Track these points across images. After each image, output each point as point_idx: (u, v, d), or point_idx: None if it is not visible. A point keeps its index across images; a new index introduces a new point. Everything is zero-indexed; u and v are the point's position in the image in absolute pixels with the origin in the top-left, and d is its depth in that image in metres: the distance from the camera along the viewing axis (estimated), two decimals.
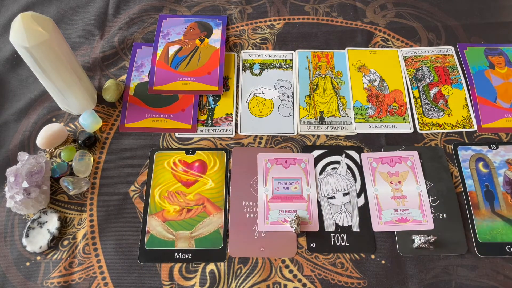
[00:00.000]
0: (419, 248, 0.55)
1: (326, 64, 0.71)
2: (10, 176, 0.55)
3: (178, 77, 0.68)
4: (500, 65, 0.71)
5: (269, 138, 0.64)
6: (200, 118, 0.66)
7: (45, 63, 0.54)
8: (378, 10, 0.78)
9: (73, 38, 0.74)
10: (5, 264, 0.55)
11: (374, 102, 0.67)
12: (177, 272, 0.54)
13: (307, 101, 0.67)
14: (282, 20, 0.76)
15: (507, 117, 0.66)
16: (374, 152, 0.63)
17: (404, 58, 0.72)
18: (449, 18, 0.77)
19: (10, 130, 0.65)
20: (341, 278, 0.54)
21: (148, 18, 0.76)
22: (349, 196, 0.59)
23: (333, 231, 0.56)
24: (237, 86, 0.69)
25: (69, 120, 0.65)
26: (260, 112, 0.67)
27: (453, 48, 0.73)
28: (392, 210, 0.58)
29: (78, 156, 0.60)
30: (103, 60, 0.71)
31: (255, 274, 0.54)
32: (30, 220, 0.56)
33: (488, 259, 0.55)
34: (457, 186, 0.60)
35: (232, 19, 0.76)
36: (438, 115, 0.66)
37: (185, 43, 0.72)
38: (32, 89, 0.68)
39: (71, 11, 0.78)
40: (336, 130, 0.65)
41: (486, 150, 0.63)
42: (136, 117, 0.65)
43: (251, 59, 0.72)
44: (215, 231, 0.56)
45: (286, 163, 0.61)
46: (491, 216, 0.57)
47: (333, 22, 0.76)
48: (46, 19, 0.52)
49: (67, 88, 0.59)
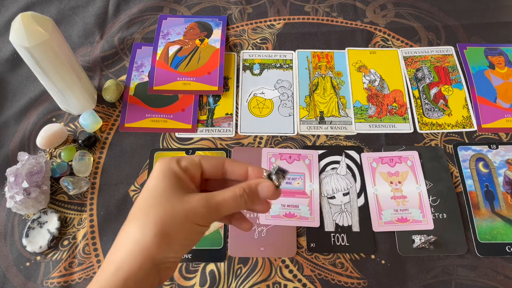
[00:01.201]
0: (419, 248, 0.55)
1: (326, 64, 0.71)
2: (10, 176, 0.55)
3: (178, 77, 0.68)
4: (500, 65, 0.71)
5: (269, 138, 0.64)
6: (200, 118, 0.66)
7: (45, 63, 0.54)
8: (378, 10, 0.78)
9: (73, 38, 0.74)
10: (5, 264, 0.55)
11: (374, 102, 0.67)
12: (177, 272, 0.54)
13: (307, 101, 0.67)
14: (282, 20, 0.76)
15: (507, 117, 0.66)
16: (374, 152, 0.63)
17: (404, 58, 0.72)
18: (449, 18, 0.77)
19: (10, 130, 0.65)
20: (341, 278, 0.54)
21: (148, 18, 0.76)
22: (349, 196, 0.59)
23: (333, 231, 0.56)
24: (237, 86, 0.69)
25: (69, 120, 0.65)
26: (260, 112, 0.67)
27: (453, 48, 0.73)
28: (392, 210, 0.58)
29: (78, 156, 0.60)
30: (103, 60, 0.71)
31: (255, 274, 0.54)
32: (30, 220, 0.56)
33: (488, 259, 0.55)
34: (457, 186, 0.60)
35: (232, 19, 0.76)
36: (438, 115, 0.66)
37: (185, 43, 0.72)
38: (32, 89, 0.68)
39: (71, 11, 0.77)
40: (336, 130, 0.65)
41: (486, 150, 0.63)
42: (136, 117, 0.65)
43: (251, 59, 0.72)
44: (215, 231, 0.56)
45: (290, 158, 0.61)
46: (491, 216, 0.57)
47: (333, 22, 0.76)
48: (46, 19, 0.52)
49: (67, 88, 0.59)
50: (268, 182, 0.37)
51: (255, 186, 0.37)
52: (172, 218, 0.33)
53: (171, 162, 0.36)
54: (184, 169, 0.36)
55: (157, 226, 0.32)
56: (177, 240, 0.33)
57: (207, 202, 0.34)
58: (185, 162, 0.36)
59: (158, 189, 0.34)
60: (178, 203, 0.34)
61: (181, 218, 0.33)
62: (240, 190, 0.36)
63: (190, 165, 0.36)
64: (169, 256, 0.34)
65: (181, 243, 0.34)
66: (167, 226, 0.33)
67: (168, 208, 0.33)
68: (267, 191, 0.37)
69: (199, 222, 0.34)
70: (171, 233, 0.33)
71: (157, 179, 0.35)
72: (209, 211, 0.34)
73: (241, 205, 0.36)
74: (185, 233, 0.34)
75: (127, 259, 0.32)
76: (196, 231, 0.35)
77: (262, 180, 0.37)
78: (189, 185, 0.36)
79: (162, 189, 0.34)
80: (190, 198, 0.34)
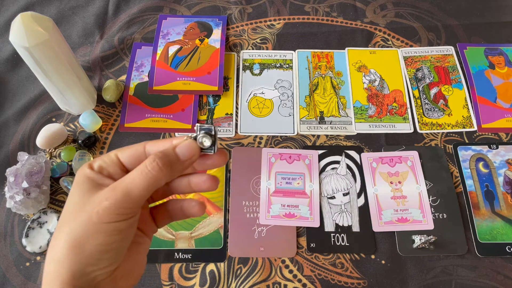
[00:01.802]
0: (419, 248, 0.55)
1: (326, 64, 0.71)
2: (10, 176, 0.55)
3: (178, 77, 0.68)
4: (500, 65, 0.71)
5: (269, 138, 0.64)
6: (200, 118, 0.66)
7: (45, 63, 0.54)
8: (378, 10, 0.78)
9: (73, 38, 0.74)
10: (5, 264, 0.55)
11: (374, 102, 0.67)
12: (177, 272, 0.54)
13: (307, 101, 0.67)
14: (282, 20, 0.76)
15: (507, 117, 0.66)
16: (374, 152, 0.63)
17: (404, 58, 0.72)
18: (449, 18, 0.77)
19: (10, 130, 0.64)
20: (341, 278, 0.54)
21: (148, 18, 0.76)
22: (349, 196, 0.59)
23: (333, 231, 0.56)
24: (237, 86, 0.69)
25: (69, 120, 0.65)
26: (260, 112, 0.67)
27: (453, 48, 0.73)
28: (392, 210, 0.58)
29: (78, 156, 0.60)
30: (103, 60, 0.71)
31: (255, 274, 0.54)
32: (30, 220, 0.56)
33: (488, 259, 0.55)
34: (457, 186, 0.60)
35: (232, 19, 0.76)
36: (438, 115, 0.66)
37: (185, 43, 0.72)
38: (32, 89, 0.68)
39: (71, 11, 0.77)
40: (336, 130, 0.65)
41: (486, 150, 0.62)
42: (136, 117, 0.65)
43: (251, 59, 0.72)
44: (215, 231, 0.56)
45: (290, 158, 0.61)
46: (491, 216, 0.57)
47: (333, 22, 0.76)
48: (46, 19, 0.52)
49: (67, 88, 0.59)
50: (188, 140, 0.31)
51: (172, 148, 0.31)
52: (76, 226, 0.29)
53: (83, 168, 0.32)
54: (98, 169, 0.31)
55: (66, 241, 0.29)
56: (89, 248, 0.29)
57: (113, 190, 0.29)
58: (98, 162, 0.32)
59: (71, 203, 0.31)
60: (84, 207, 0.29)
61: (84, 223, 0.29)
62: (150, 159, 0.30)
63: (104, 163, 0.32)
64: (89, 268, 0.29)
65: (96, 249, 0.29)
66: (73, 237, 0.29)
67: (74, 218, 0.29)
68: (188, 150, 0.31)
69: (106, 220, 0.29)
70: (79, 243, 0.28)
71: (71, 192, 0.31)
72: (115, 200, 0.29)
73: (158, 177, 0.30)
74: (96, 237, 0.29)
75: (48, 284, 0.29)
76: (112, 231, 0.29)
77: (180, 141, 0.32)
78: (105, 183, 0.31)
79: (74, 200, 0.30)
80: (95, 195, 0.30)
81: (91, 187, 0.30)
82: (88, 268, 0.29)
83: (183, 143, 0.31)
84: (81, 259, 0.28)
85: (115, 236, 0.29)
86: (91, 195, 0.30)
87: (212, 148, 0.32)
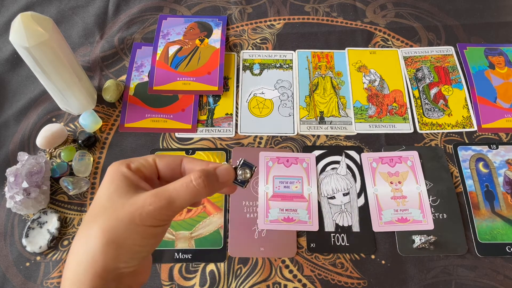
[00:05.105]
0: (419, 248, 0.55)
1: (326, 64, 0.71)
2: (10, 176, 0.55)
3: (178, 77, 0.68)
4: (500, 65, 0.71)
5: (269, 138, 0.64)
6: (200, 118, 0.66)
7: (45, 63, 0.54)
8: (378, 10, 0.78)
9: (73, 38, 0.74)
10: (5, 264, 0.55)
11: (374, 102, 0.67)
12: (177, 272, 0.54)
13: (307, 101, 0.67)
14: (282, 20, 0.76)
15: (507, 117, 0.66)
16: (374, 152, 0.63)
17: (404, 58, 0.72)
18: (449, 18, 0.77)
19: (10, 130, 0.64)
20: (341, 278, 0.54)
21: (148, 18, 0.76)
22: (349, 196, 0.59)
23: (333, 231, 0.56)
24: (237, 86, 0.69)
25: (69, 120, 0.65)
26: (260, 112, 0.67)
27: (453, 48, 0.73)
28: (392, 210, 0.58)
29: (78, 156, 0.60)
30: (103, 60, 0.71)
31: (255, 274, 0.54)
32: (30, 220, 0.56)
33: (488, 259, 0.55)
34: (457, 186, 0.60)
35: (232, 19, 0.76)
36: (438, 115, 0.66)
37: (185, 43, 0.72)
38: (32, 89, 0.68)
39: (71, 11, 0.77)
40: (336, 130, 0.65)
41: (486, 150, 0.62)
42: (136, 117, 0.65)
43: (251, 59, 0.72)
44: (215, 231, 0.56)
45: (287, 162, 0.61)
46: (491, 216, 0.57)
47: (333, 22, 0.76)
48: (46, 19, 0.52)
49: (67, 88, 0.59)
50: (227, 165, 0.35)
51: (213, 169, 0.34)
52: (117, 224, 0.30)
53: (120, 165, 0.33)
54: (135, 170, 0.33)
55: (103, 235, 0.30)
56: (126, 246, 0.30)
57: (156, 197, 0.31)
58: (136, 163, 0.34)
59: (105, 196, 0.32)
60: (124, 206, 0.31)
61: (126, 222, 0.30)
62: (196, 174, 0.32)
63: (141, 166, 0.34)
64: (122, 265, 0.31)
65: (132, 249, 0.31)
66: (113, 233, 0.30)
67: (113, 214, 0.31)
68: (226, 174, 0.34)
69: (147, 223, 0.31)
70: (118, 240, 0.30)
71: (104, 186, 0.32)
72: (159, 207, 0.31)
73: (200, 193, 0.32)
74: (134, 238, 0.30)
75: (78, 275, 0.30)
76: (149, 234, 0.31)
77: (220, 164, 0.35)
78: (141, 186, 0.33)
79: (108, 195, 0.32)
80: (137, 198, 0.31)
81: (129, 187, 0.32)
82: (121, 264, 0.31)
83: (223, 167, 0.34)
84: (118, 255, 0.30)
85: (150, 240, 0.32)
86: (130, 196, 0.31)
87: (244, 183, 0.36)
